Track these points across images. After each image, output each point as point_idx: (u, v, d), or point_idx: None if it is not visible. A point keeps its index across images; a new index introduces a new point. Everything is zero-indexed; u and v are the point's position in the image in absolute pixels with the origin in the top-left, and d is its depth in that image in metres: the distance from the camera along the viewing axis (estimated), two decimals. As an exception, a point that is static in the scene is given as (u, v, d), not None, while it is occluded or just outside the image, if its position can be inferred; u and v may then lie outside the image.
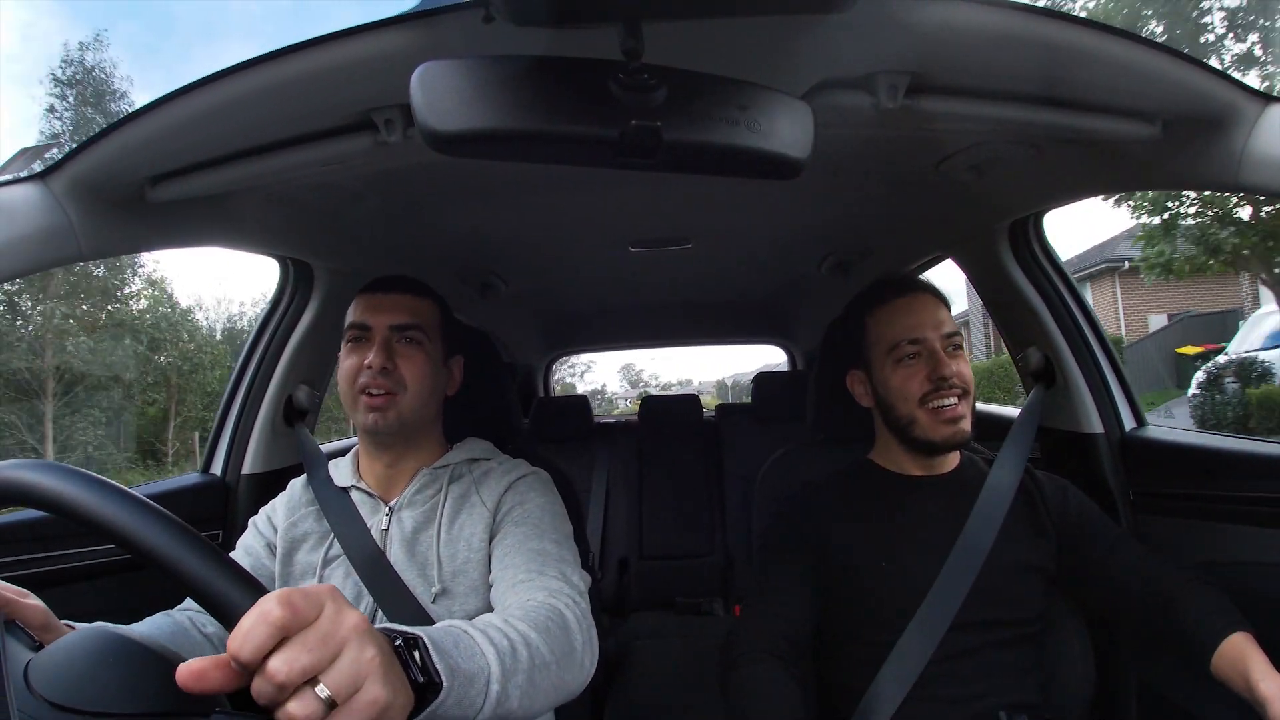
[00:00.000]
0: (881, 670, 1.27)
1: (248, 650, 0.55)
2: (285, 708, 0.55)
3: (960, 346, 1.37)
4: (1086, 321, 1.68)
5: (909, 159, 1.53)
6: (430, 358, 1.34)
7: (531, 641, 0.89)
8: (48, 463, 0.68)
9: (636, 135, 0.77)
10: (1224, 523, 1.38)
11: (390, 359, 1.28)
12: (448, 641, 0.75)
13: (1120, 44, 0.93)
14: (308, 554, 1.31)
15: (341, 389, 1.33)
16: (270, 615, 0.56)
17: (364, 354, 1.29)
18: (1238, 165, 1.03)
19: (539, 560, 1.15)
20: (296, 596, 0.58)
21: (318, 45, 0.90)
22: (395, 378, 1.28)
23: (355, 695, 0.57)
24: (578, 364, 51.18)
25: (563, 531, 1.26)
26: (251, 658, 0.55)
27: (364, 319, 1.31)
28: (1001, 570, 1.30)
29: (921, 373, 1.35)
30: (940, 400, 1.33)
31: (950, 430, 1.34)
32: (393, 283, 1.36)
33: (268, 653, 0.55)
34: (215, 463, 1.85)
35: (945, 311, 1.39)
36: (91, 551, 1.46)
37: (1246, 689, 1.09)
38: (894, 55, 0.99)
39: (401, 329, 1.31)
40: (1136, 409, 1.68)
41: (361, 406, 1.28)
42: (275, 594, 0.58)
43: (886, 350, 1.39)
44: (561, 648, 0.94)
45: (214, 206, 1.33)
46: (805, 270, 2.74)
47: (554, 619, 0.98)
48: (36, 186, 1.07)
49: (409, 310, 1.32)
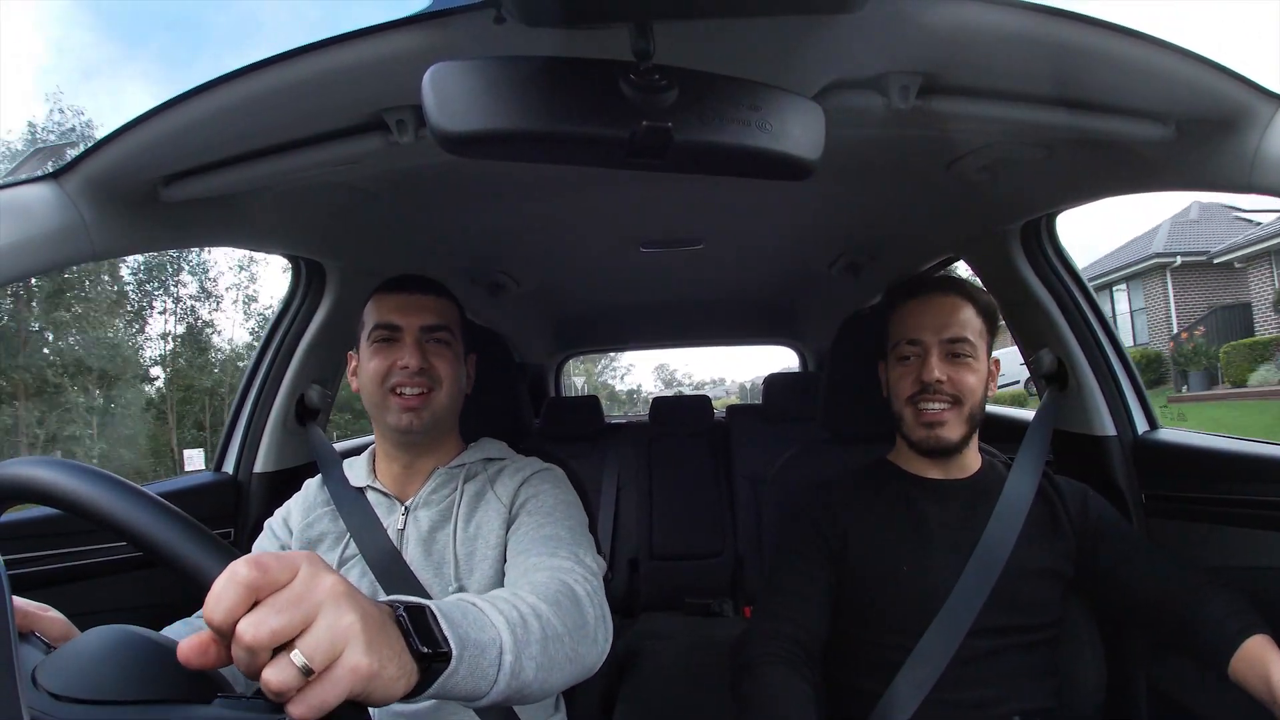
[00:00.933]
0: (898, 675, 1.27)
1: (219, 613, 0.53)
2: (262, 675, 0.53)
3: (965, 354, 1.35)
4: (1099, 323, 1.67)
5: (921, 159, 1.52)
6: (457, 357, 1.35)
7: (542, 613, 0.87)
8: (38, 459, 0.68)
9: (647, 136, 0.77)
10: (1236, 526, 1.37)
11: (425, 359, 1.29)
12: (456, 612, 0.72)
13: (1134, 44, 0.93)
14: (323, 553, 1.32)
15: (368, 389, 1.32)
16: (238, 575, 0.54)
17: (394, 354, 1.29)
18: (1250, 167, 1.02)
19: (551, 544, 1.16)
20: (268, 558, 0.56)
21: (330, 46, 0.91)
22: (431, 376, 1.29)
23: (335, 663, 0.55)
24: (619, 367, 51.78)
25: (577, 520, 1.26)
26: (223, 621, 0.53)
27: (393, 319, 1.31)
28: (1020, 575, 1.30)
29: (913, 374, 1.36)
30: (924, 404, 1.35)
31: (925, 434, 1.36)
32: (417, 283, 1.36)
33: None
34: (227, 461, 1.86)
35: (961, 315, 1.37)
36: (108, 549, 1.47)
37: (1267, 691, 1.08)
38: (906, 56, 0.99)
39: (431, 330, 1.31)
40: (1149, 411, 1.66)
41: (394, 407, 1.28)
42: (245, 556, 0.56)
43: (893, 347, 1.42)
44: (573, 620, 0.93)
45: (226, 206, 1.34)
46: (816, 271, 2.74)
47: (564, 592, 0.97)
48: (50, 186, 1.08)
49: (437, 311, 1.33)
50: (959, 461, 1.42)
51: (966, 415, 1.35)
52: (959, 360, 1.35)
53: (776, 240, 2.43)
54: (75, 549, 1.43)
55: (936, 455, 1.40)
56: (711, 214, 2.07)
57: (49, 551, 1.40)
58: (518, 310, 3.13)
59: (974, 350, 1.36)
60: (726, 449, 3.32)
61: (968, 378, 1.35)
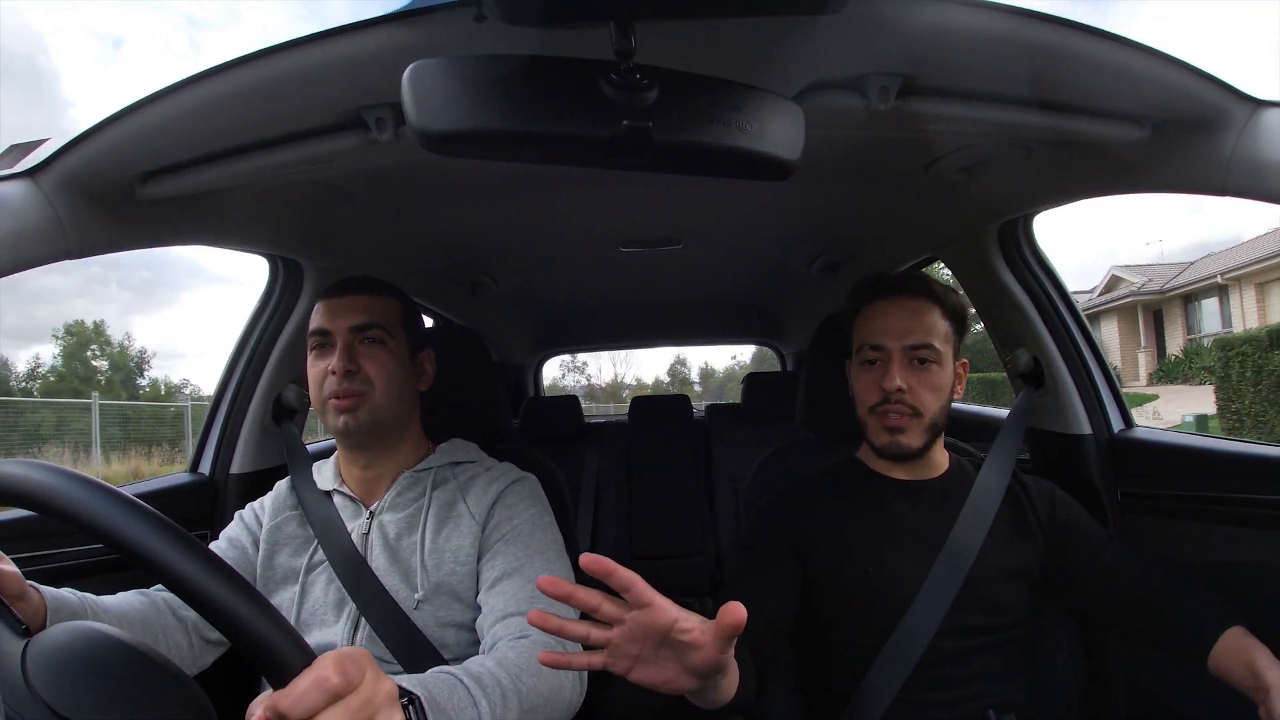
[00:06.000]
0: (868, 675, 1.27)
1: (300, 711, 0.61)
2: None
3: (929, 360, 1.33)
4: (1076, 324, 1.69)
5: (900, 160, 1.53)
6: (395, 354, 1.33)
7: (522, 688, 0.95)
8: (89, 479, 0.67)
9: (628, 135, 0.77)
10: (1211, 523, 1.39)
11: (353, 361, 1.28)
12: (443, 695, 0.83)
13: (1110, 46, 0.94)
14: (290, 558, 1.31)
15: (312, 396, 1.33)
16: (327, 683, 0.62)
17: (327, 360, 1.28)
18: (1226, 169, 1.03)
19: (530, 590, 1.16)
20: (349, 666, 0.64)
21: (309, 43, 0.90)
22: (361, 379, 1.28)
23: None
24: (622, 361, 52.25)
25: (554, 547, 1.28)
26: (302, 718, 0.61)
27: (323, 324, 1.30)
28: (988, 575, 1.30)
29: (875, 381, 1.34)
30: (886, 412, 1.33)
31: (887, 439, 1.34)
32: (348, 285, 1.35)
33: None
34: (204, 462, 1.84)
35: (927, 318, 1.34)
36: (83, 551, 1.45)
37: (1251, 678, 1.09)
38: (885, 57, 0.99)
39: (361, 329, 1.30)
40: (1124, 410, 1.68)
41: (331, 410, 1.28)
42: (330, 662, 0.64)
43: (856, 350, 1.40)
44: (550, 688, 1.01)
45: (204, 204, 1.32)
46: (796, 270, 2.75)
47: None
48: (25, 183, 1.06)
49: (366, 310, 1.31)
50: (927, 462, 1.41)
51: (926, 425, 1.34)
52: (923, 367, 1.33)
53: (756, 240, 2.44)
54: (58, 550, 1.41)
55: (899, 460, 1.39)
56: (691, 214, 2.07)
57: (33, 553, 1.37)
58: (497, 310, 3.12)
59: (938, 356, 1.33)
60: (706, 448, 3.33)
61: (928, 390, 1.32)
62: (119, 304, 70.22)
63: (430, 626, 1.22)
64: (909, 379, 1.32)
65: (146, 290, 18.12)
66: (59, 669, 0.65)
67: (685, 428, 3.49)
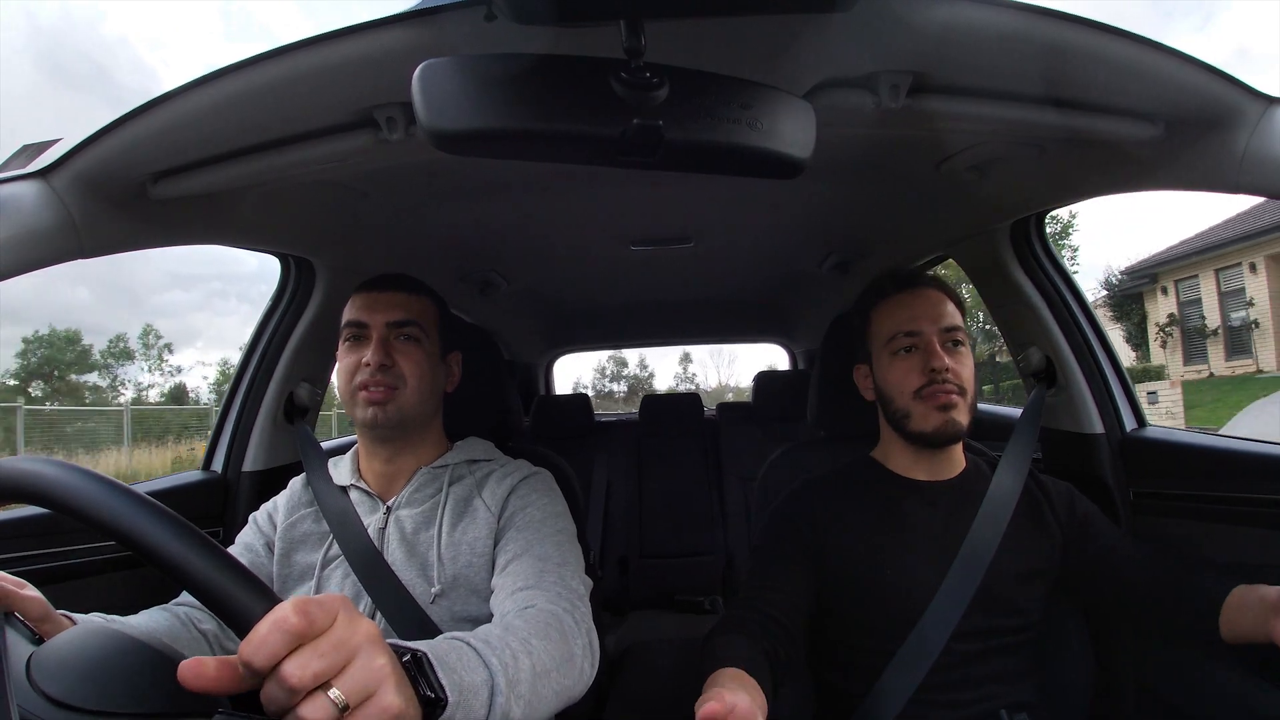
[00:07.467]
0: (882, 677, 1.27)
1: (262, 656, 0.56)
2: (297, 711, 0.57)
3: (961, 343, 1.34)
4: (1088, 322, 1.68)
5: (911, 158, 1.53)
6: (428, 354, 1.34)
7: (533, 650, 0.90)
8: (59, 462, 0.67)
9: (638, 134, 0.77)
10: (1225, 524, 1.38)
11: (388, 355, 1.29)
12: (451, 656, 0.76)
13: (1123, 44, 0.93)
14: (306, 555, 1.32)
15: (340, 386, 1.34)
16: (286, 623, 0.57)
17: (362, 351, 1.29)
18: (1239, 166, 1.03)
19: (539, 566, 1.16)
20: (311, 605, 0.59)
21: (320, 43, 0.90)
22: (394, 374, 1.29)
23: (368, 701, 0.59)
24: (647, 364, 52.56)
25: (566, 533, 1.27)
26: (265, 664, 0.56)
27: (361, 317, 1.32)
28: (1004, 577, 1.29)
29: (917, 365, 1.33)
30: (935, 391, 1.32)
31: (941, 419, 1.31)
32: (388, 280, 1.36)
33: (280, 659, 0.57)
34: (216, 459, 1.86)
35: (949, 306, 1.37)
36: (95, 548, 1.46)
37: (1260, 608, 1.08)
38: (896, 55, 0.99)
39: (398, 326, 1.31)
40: (1137, 409, 1.67)
41: (360, 401, 1.29)
42: (290, 603, 0.59)
43: (885, 343, 1.38)
44: (561, 653, 0.96)
45: (216, 203, 1.33)
46: (806, 269, 2.74)
47: (553, 625, 0.99)
48: (38, 183, 1.06)
49: (405, 307, 1.33)
50: (947, 459, 1.41)
51: (970, 405, 1.34)
52: (957, 349, 1.34)
53: (766, 238, 2.43)
54: (62, 549, 1.42)
55: (944, 445, 1.37)
56: (701, 212, 2.07)
57: (36, 551, 1.39)
58: (508, 308, 3.13)
59: (967, 340, 1.36)
60: (716, 447, 3.33)
61: (967, 369, 1.34)
62: (239, 316, 73.29)
63: (446, 621, 1.22)
64: (949, 360, 1.32)
65: (262, 303, 18.86)
66: (64, 663, 0.65)
67: (696, 426, 3.49)
